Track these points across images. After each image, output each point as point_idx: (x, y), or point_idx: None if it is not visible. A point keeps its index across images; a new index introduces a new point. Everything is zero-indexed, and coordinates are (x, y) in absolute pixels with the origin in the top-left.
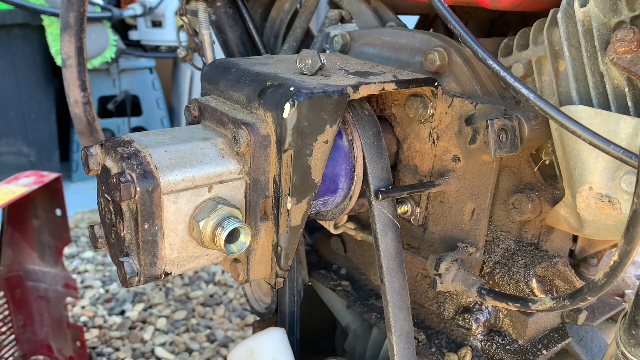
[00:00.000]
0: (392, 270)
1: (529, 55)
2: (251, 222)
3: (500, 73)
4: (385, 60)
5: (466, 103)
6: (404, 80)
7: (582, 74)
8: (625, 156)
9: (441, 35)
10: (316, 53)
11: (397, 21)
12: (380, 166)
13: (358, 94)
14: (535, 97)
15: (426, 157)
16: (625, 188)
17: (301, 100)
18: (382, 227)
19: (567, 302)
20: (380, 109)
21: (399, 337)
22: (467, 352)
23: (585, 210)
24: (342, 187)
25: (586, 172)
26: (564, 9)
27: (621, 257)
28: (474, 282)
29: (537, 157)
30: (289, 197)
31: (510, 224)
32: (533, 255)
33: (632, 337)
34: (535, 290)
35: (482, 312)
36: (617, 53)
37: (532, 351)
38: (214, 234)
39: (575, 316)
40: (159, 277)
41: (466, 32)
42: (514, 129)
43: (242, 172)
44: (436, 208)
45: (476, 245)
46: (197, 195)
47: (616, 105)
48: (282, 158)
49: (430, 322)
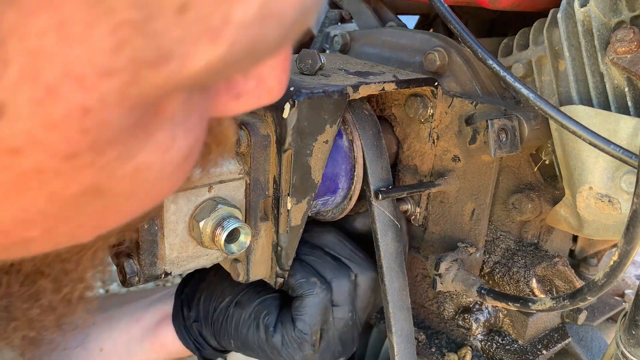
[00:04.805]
0: (392, 270)
1: (529, 55)
2: (251, 222)
3: (500, 73)
4: (386, 60)
5: (466, 103)
6: (404, 80)
7: (582, 74)
8: (625, 156)
9: (441, 35)
10: (316, 53)
11: (397, 21)
12: (380, 166)
13: (358, 94)
14: (535, 97)
15: (426, 157)
16: (625, 188)
17: (301, 100)
18: (382, 227)
19: (567, 302)
20: (380, 109)
21: (399, 337)
22: (467, 352)
23: (585, 210)
24: (342, 187)
25: (586, 172)
26: (564, 9)
27: (621, 257)
28: (474, 282)
29: (537, 157)
30: (289, 197)
31: (510, 224)
32: (533, 255)
33: (632, 337)
34: (535, 290)
35: (482, 312)
36: (617, 53)
37: (532, 351)
38: (214, 234)
39: (575, 316)
40: (159, 277)
41: (466, 32)
42: (514, 129)
43: (242, 172)
44: (436, 208)
45: (476, 245)
46: (196, 195)
47: (616, 105)
48: (282, 158)
49: (430, 322)
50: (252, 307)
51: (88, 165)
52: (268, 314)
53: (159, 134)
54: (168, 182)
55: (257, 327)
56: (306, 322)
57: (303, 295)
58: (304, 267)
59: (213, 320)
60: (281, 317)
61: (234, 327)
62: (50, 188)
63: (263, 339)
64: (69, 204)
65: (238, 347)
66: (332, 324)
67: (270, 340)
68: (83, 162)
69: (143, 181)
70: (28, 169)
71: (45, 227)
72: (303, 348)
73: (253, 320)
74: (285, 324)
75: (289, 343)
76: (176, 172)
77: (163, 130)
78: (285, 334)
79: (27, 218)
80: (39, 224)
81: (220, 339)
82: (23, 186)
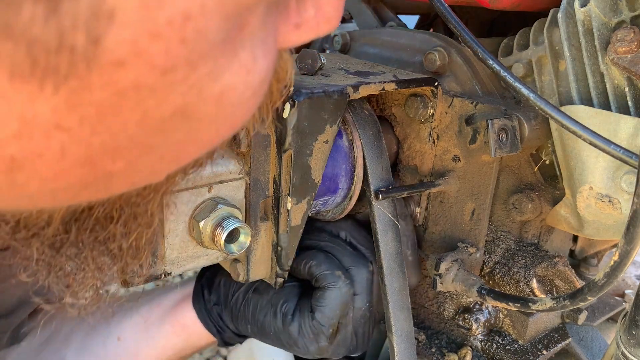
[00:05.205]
0: (393, 270)
1: (529, 55)
2: (251, 222)
3: (500, 73)
4: (386, 60)
5: (466, 103)
6: (404, 80)
7: (583, 74)
8: (625, 156)
9: (441, 35)
10: (316, 53)
11: (397, 21)
12: (381, 166)
13: (358, 94)
14: (535, 97)
15: (426, 157)
16: (626, 188)
17: (301, 100)
18: (382, 227)
19: (568, 302)
20: (381, 109)
21: (399, 337)
22: (467, 352)
23: (585, 210)
24: (342, 187)
25: (586, 172)
26: (564, 9)
27: (621, 257)
28: (474, 282)
29: (537, 157)
30: (289, 197)
31: (511, 224)
32: (533, 256)
33: (632, 337)
34: (536, 291)
35: (482, 312)
36: (618, 53)
37: (533, 351)
38: (213, 234)
39: (575, 316)
40: (159, 277)
41: (466, 32)
42: (514, 129)
43: (242, 172)
44: (436, 208)
45: (476, 245)
46: (196, 195)
47: (616, 105)
48: (282, 158)
49: (430, 322)
50: (270, 294)
51: (181, 81)
52: (287, 302)
53: (243, 53)
54: (246, 106)
55: (274, 314)
56: (325, 313)
57: (326, 286)
58: (329, 258)
59: (231, 304)
60: (300, 305)
61: (252, 313)
62: (143, 108)
63: (280, 327)
64: (157, 128)
65: (255, 332)
66: (350, 319)
67: (287, 328)
68: (178, 78)
69: (226, 104)
70: (128, 84)
71: (130, 159)
72: (319, 339)
73: (271, 307)
74: (304, 313)
75: (306, 333)
76: (253, 97)
77: (246, 50)
78: (303, 323)
79: (116, 146)
80: (125, 154)
81: (238, 324)
82: (119, 105)
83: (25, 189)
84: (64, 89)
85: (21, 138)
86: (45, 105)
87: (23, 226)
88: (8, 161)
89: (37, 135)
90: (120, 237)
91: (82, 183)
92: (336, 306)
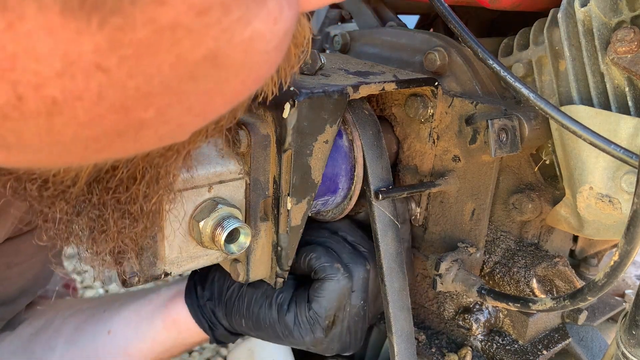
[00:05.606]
0: (393, 271)
1: (529, 55)
2: (251, 222)
3: (500, 73)
4: (386, 60)
5: (466, 103)
6: (404, 80)
7: (583, 74)
8: (625, 156)
9: (441, 35)
10: (316, 53)
11: (397, 21)
12: (381, 166)
13: (358, 94)
14: (535, 97)
15: (426, 157)
16: (626, 188)
17: (301, 100)
18: (382, 227)
19: (568, 302)
20: (381, 109)
21: (399, 337)
22: (467, 352)
23: (585, 210)
24: (342, 187)
25: (586, 172)
26: (564, 9)
27: (621, 257)
28: (474, 282)
29: (537, 157)
30: (289, 197)
31: (511, 224)
32: (533, 256)
33: (632, 337)
34: (536, 291)
35: (482, 312)
36: (618, 53)
37: (533, 351)
38: (213, 234)
39: (575, 316)
40: (159, 277)
41: (466, 31)
42: (514, 129)
43: (242, 172)
44: (436, 208)
45: (476, 245)
46: (196, 195)
47: (616, 105)
48: (282, 158)
49: (430, 322)
50: (265, 286)
51: (215, 23)
52: (282, 292)
53: (271, 1)
54: (271, 57)
55: (269, 305)
56: (322, 304)
57: (325, 278)
58: (328, 252)
59: (226, 298)
60: (296, 296)
61: (246, 306)
62: (178, 49)
63: (275, 318)
64: (189, 74)
65: (249, 326)
66: (347, 314)
67: (282, 318)
68: (212, 20)
69: (253, 52)
70: (166, 23)
71: (161, 106)
72: (315, 330)
73: (266, 298)
74: (300, 303)
75: (302, 323)
76: (278, 49)
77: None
78: (299, 314)
79: (149, 92)
80: (156, 100)
81: (232, 319)
82: (157, 45)
83: (61, 135)
84: (108, 27)
85: (64, 77)
86: (88, 43)
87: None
88: (50, 103)
89: (79, 76)
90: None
91: (115, 130)
92: (334, 298)
